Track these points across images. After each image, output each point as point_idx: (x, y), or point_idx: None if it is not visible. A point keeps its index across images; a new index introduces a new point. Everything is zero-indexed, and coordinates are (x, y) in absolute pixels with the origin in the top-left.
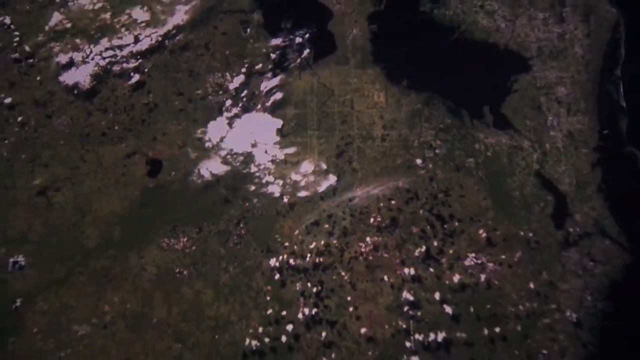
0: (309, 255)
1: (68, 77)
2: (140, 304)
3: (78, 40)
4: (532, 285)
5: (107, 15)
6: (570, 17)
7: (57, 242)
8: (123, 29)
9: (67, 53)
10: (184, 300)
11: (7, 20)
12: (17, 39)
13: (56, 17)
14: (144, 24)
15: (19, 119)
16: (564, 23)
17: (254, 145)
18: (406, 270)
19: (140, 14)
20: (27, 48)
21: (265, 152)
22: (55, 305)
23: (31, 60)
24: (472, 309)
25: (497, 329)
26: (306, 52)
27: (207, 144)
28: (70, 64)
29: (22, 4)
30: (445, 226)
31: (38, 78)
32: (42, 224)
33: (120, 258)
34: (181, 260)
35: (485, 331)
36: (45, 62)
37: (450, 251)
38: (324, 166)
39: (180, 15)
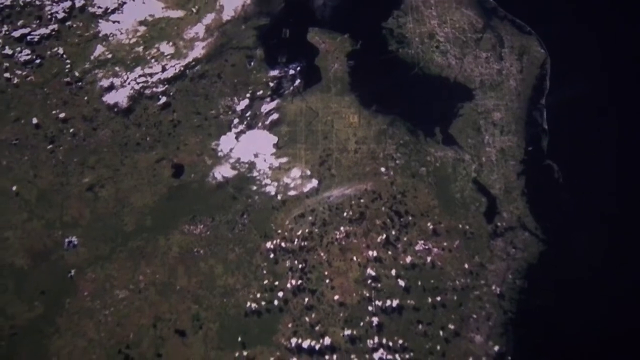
0: (296, 239)
1: (109, 98)
2: (166, 275)
3: (117, 68)
4: (466, 266)
5: (140, 49)
6: (507, 56)
7: (102, 226)
8: (153, 60)
9: (108, 78)
10: (200, 273)
11: (60, 51)
12: (68, 66)
13: (99, 49)
14: (169, 56)
15: (71, 130)
16: (502, 61)
17: (255, 155)
18: (370, 252)
19: (166, 48)
20: (76, 73)
21: (264, 160)
22: (101, 275)
23: (80, 84)
24: (419, 283)
25: (438, 298)
26: (297, 81)
27: (220, 153)
28: (111, 87)
29: (72, 38)
30: (402, 219)
31: (85, 98)
32: (91, 212)
33: (151, 240)
34: (198, 242)
35: (429, 300)
36: (91, 85)
37: (405, 239)
38: (309, 172)
39: (199, 50)
